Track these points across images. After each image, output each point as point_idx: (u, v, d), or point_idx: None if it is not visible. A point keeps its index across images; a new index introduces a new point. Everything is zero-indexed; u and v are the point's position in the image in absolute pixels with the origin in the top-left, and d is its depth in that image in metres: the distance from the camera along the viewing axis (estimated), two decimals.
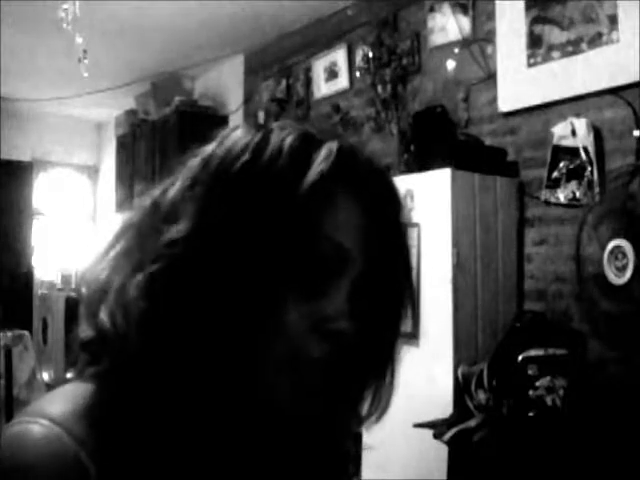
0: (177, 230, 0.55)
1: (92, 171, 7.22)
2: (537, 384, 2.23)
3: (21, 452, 0.50)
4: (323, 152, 0.57)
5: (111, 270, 0.59)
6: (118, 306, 0.56)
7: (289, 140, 0.57)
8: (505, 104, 3.02)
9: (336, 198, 0.57)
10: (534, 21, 2.88)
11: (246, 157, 0.56)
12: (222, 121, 5.02)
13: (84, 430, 0.52)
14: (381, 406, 0.64)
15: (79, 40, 3.30)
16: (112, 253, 0.60)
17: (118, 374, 0.55)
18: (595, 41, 2.63)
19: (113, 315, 0.56)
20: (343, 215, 0.58)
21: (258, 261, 0.54)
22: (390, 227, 0.61)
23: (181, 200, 0.58)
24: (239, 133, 0.60)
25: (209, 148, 0.60)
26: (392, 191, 0.63)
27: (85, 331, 0.58)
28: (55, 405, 0.54)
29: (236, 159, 0.57)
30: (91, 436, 0.51)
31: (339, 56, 4.11)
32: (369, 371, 0.63)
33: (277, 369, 0.56)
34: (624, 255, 2.40)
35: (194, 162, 0.60)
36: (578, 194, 2.66)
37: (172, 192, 0.59)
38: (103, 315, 0.56)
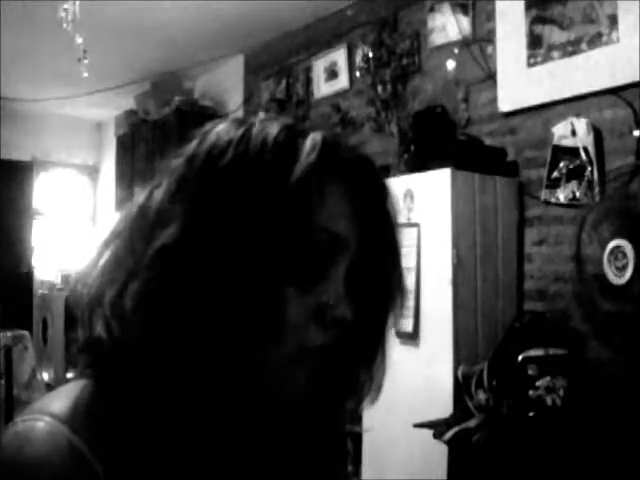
0: (168, 234, 0.54)
1: (92, 171, 7.22)
2: (537, 384, 2.23)
3: (26, 448, 0.51)
4: (309, 142, 0.57)
5: (103, 278, 0.58)
6: (114, 317, 0.56)
7: (273, 133, 0.57)
8: (505, 104, 3.02)
9: (325, 187, 0.57)
10: (534, 21, 2.88)
11: (231, 153, 0.56)
12: None
13: (86, 426, 0.52)
14: (375, 386, 0.65)
15: (79, 40, 3.29)
16: (102, 261, 0.59)
17: (117, 374, 0.56)
18: (595, 41, 2.63)
19: (109, 325, 0.56)
20: (332, 203, 0.58)
21: (256, 257, 0.54)
22: (378, 211, 0.62)
23: (169, 203, 0.57)
24: (219, 129, 0.59)
25: (190, 147, 0.59)
26: (377, 177, 0.63)
27: (82, 336, 0.59)
28: (57, 402, 0.55)
29: (221, 156, 0.56)
30: (93, 431, 0.52)
31: (339, 56, 4.11)
32: (364, 352, 0.64)
33: (285, 362, 0.56)
34: (624, 255, 2.40)
35: (177, 163, 0.59)
36: (578, 194, 2.66)
37: (158, 196, 0.58)
38: (99, 326, 0.56)
